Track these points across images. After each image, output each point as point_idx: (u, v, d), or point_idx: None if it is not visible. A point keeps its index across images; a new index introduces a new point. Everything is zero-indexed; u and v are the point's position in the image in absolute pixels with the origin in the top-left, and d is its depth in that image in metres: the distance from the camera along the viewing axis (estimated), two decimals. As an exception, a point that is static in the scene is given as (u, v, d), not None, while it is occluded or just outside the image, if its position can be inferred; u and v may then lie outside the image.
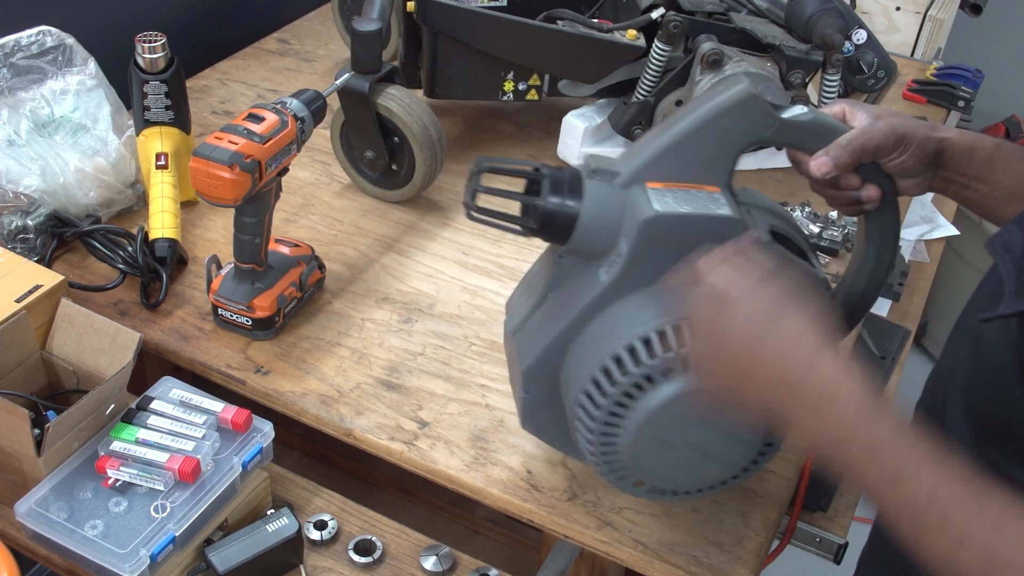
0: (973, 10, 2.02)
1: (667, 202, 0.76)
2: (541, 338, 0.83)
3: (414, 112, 1.23)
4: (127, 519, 0.86)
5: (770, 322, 0.67)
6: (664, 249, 0.77)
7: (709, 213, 0.77)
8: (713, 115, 0.77)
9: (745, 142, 0.79)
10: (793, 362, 0.66)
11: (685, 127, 0.78)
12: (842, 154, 0.80)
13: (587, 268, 0.81)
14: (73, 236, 1.15)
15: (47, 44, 1.19)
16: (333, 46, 1.69)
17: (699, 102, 0.79)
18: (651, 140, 0.80)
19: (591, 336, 0.80)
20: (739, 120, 0.77)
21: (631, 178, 0.79)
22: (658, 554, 0.88)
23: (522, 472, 0.95)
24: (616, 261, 0.78)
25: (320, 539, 0.96)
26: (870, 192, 0.83)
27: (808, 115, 0.80)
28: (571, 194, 0.78)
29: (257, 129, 0.97)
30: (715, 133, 0.78)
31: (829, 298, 0.83)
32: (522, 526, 1.12)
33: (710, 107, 0.77)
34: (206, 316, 1.10)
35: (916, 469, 0.61)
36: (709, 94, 0.79)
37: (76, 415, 0.88)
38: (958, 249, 2.55)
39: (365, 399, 1.02)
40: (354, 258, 1.21)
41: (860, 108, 0.83)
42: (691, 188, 0.78)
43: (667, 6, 1.32)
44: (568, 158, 1.43)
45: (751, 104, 0.77)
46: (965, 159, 0.83)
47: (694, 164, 0.79)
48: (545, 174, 0.79)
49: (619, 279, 0.78)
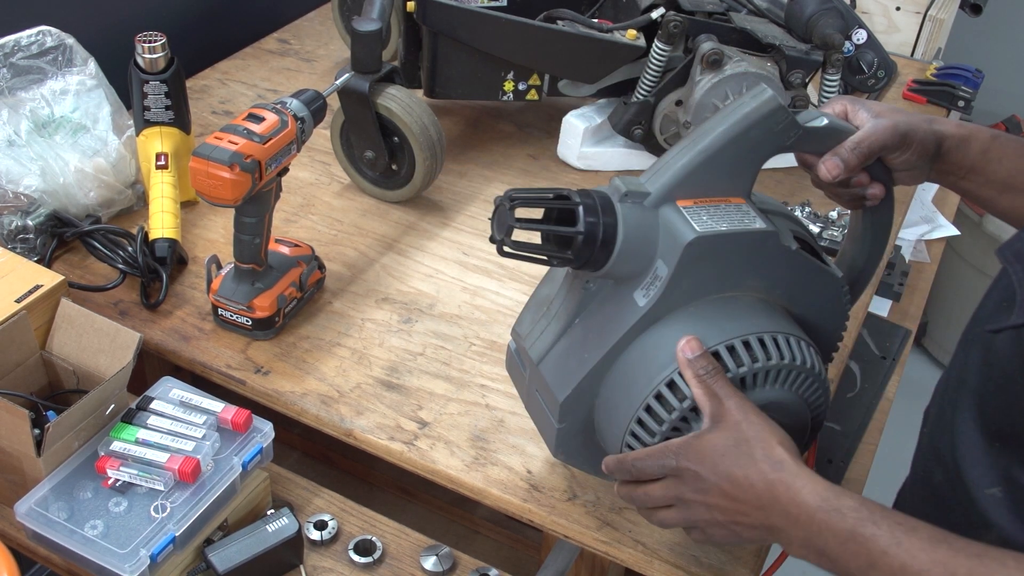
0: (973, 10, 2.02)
1: (704, 222, 0.76)
2: (577, 367, 0.81)
3: (414, 112, 1.23)
4: (127, 519, 0.86)
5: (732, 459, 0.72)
6: (704, 268, 0.77)
7: (746, 229, 0.77)
8: (743, 128, 0.77)
9: (771, 152, 0.79)
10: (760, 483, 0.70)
11: (715, 141, 0.77)
12: (851, 156, 0.82)
13: (617, 292, 0.80)
14: (73, 236, 1.15)
15: (47, 44, 1.19)
16: (333, 46, 1.69)
17: (726, 115, 0.78)
18: (678, 156, 0.79)
19: (633, 362, 0.79)
20: (766, 131, 0.78)
21: (662, 197, 0.78)
22: (658, 554, 0.88)
23: (522, 472, 0.95)
24: (655, 284, 0.77)
25: (320, 539, 0.96)
26: (875, 190, 0.85)
27: (823, 121, 0.81)
28: (606, 219, 0.77)
29: (257, 129, 0.97)
30: (744, 145, 0.78)
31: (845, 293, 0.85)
32: (522, 526, 1.12)
33: (739, 119, 0.77)
34: (206, 316, 1.10)
35: (886, 549, 0.65)
36: (735, 106, 0.78)
37: (76, 415, 0.88)
38: (958, 249, 2.55)
39: (365, 399, 1.02)
40: (354, 258, 1.21)
41: (861, 106, 0.84)
42: (719, 202, 0.78)
43: (667, 6, 1.32)
44: (568, 158, 1.43)
45: (779, 115, 0.77)
46: (961, 151, 0.85)
47: (720, 177, 0.79)
48: (579, 202, 0.77)
49: (659, 302, 0.77)
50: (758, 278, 0.80)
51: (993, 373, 0.76)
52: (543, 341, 0.85)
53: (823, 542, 0.68)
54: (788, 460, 0.71)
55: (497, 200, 0.77)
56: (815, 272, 0.82)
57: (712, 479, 0.72)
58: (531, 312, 0.89)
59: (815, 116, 0.82)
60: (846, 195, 0.88)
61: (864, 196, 0.87)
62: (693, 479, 0.73)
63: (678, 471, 0.74)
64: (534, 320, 0.87)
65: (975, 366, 0.79)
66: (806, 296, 0.83)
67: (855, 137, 0.82)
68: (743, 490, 0.71)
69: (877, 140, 0.82)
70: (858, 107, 0.85)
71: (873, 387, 1.16)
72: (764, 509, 0.71)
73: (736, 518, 0.73)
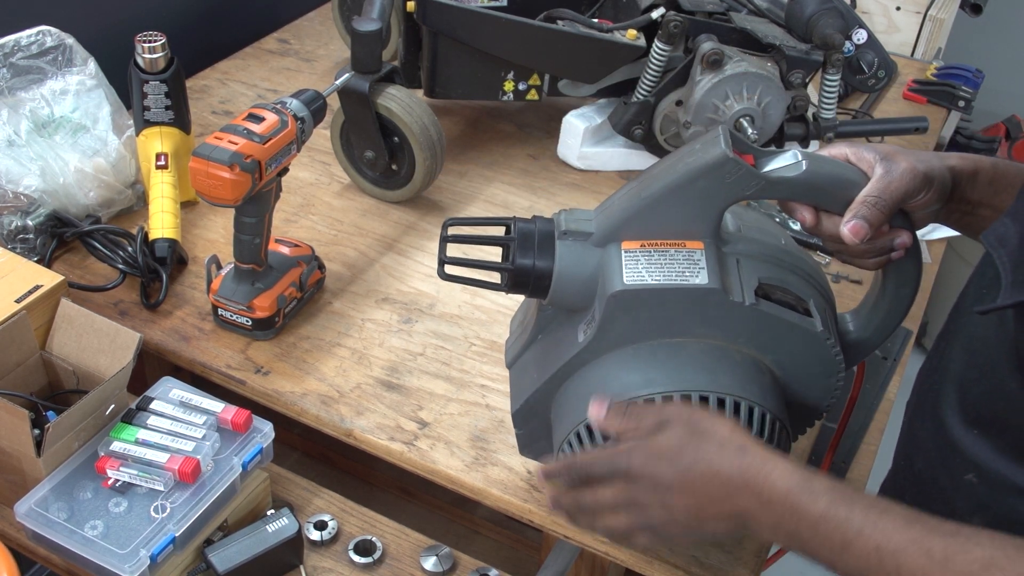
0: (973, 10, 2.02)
1: (638, 272, 0.74)
2: (528, 384, 0.83)
3: (414, 112, 1.23)
4: (127, 519, 0.86)
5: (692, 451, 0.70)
6: (637, 316, 0.75)
7: (680, 284, 0.74)
8: (688, 179, 0.73)
9: (728, 201, 0.74)
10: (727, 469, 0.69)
11: (660, 189, 0.74)
12: (873, 212, 0.74)
13: (569, 320, 0.80)
14: (73, 236, 1.15)
15: (47, 44, 1.19)
16: (333, 46, 1.69)
17: (673, 162, 0.74)
18: (626, 198, 0.77)
19: (572, 391, 0.80)
20: (716, 182, 0.72)
21: (605, 237, 0.76)
22: (658, 554, 0.88)
23: (522, 472, 0.95)
24: (591, 323, 0.77)
25: (320, 539, 0.96)
26: (903, 238, 0.77)
27: (797, 169, 0.73)
28: (541, 255, 0.76)
29: (257, 129, 0.97)
30: (693, 195, 0.73)
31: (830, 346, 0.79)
32: (522, 526, 1.11)
33: (684, 171, 0.73)
34: (206, 316, 1.10)
35: (860, 529, 0.63)
36: (684, 154, 0.74)
37: (76, 415, 0.88)
38: (958, 249, 2.55)
39: (365, 399, 1.02)
40: (354, 258, 1.21)
41: (866, 149, 0.77)
42: (670, 246, 0.75)
43: (667, 6, 1.32)
44: (568, 158, 1.43)
45: (727, 167, 0.71)
46: (971, 185, 0.80)
47: (674, 222, 0.75)
48: (515, 236, 0.77)
49: (595, 341, 0.77)
50: (707, 327, 0.76)
51: (976, 360, 0.76)
52: (514, 349, 0.87)
53: (795, 524, 0.66)
54: (750, 444, 0.69)
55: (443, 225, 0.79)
56: (783, 326, 0.76)
57: (669, 477, 0.70)
58: (519, 314, 0.90)
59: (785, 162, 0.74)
60: (871, 253, 0.78)
61: (891, 248, 0.78)
62: (649, 480, 0.71)
63: (629, 474, 0.72)
64: (518, 320, 0.89)
65: (957, 353, 0.79)
66: (776, 350, 0.78)
67: (873, 190, 0.74)
68: (707, 481, 0.69)
69: (899, 188, 0.74)
70: (863, 151, 0.77)
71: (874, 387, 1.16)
72: (732, 497, 0.69)
73: (700, 512, 0.70)
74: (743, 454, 0.69)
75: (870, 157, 0.76)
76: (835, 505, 0.65)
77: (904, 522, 0.63)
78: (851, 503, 0.65)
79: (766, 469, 0.68)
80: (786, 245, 0.81)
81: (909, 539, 0.62)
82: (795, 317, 0.76)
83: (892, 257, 0.79)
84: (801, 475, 0.67)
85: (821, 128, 1.37)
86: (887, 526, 0.63)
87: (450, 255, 0.79)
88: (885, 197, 0.74)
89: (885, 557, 0.62)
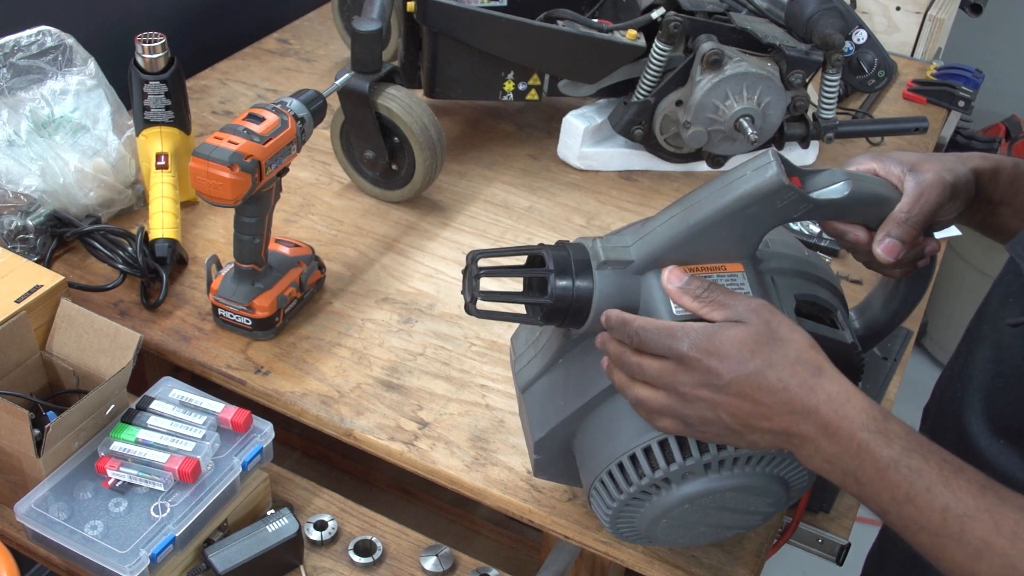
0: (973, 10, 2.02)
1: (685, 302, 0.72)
2: (553, 412, 0.80)
3: (414, 112, 1.23)
4: (127, 519, 0.86)
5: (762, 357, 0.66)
6: None
7: None
8: (739, 206, 0.71)
9: (773, 225, 0.73)
10: (797, 387, 0.65)
11: (708, 215, 0.72)
12: (906, 230, 0.74)
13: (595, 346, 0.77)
14: (73, 236, 1.15)
15: (47, 44, 1.19)
16: (333, 46, 1.69)
17: (721, 188, 0.72)
18: (668, 225, 0.74)
19: (606, 421, 0.77)
20: (767, 207, 0.71)
21: (646, 265, 0.74)
22: (658, 554, 0.88)
23: (522, 472, 0.95)
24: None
25: (320, 539, 0.96)
26: (932, 246, 0.77)
27: (842, 191, 0.74)
28: (580, 286, 0.74)
29: (257, 129, 0.97)
30: (741, 221, 0.72)
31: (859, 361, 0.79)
32: (522, 526, 1.12)
33: (735, 197, 0.71)
34: (206, 316, 1.10)
35: (930, 486, 0.61)
36: (733, 179, 0.72)
37: (76, 415, 0.87)
38: (959, 250, 2.55)
39: (365, 399, 1.02)
40: (354, 258, 1.21)
41: (892, 163, 0.76)
42: (712, 271, 0.74)
43: (667, 6, 1.32)
44: (568, 158, 1.43)
45: (781, 193, 0.70)
46: (993, 184, 0.79)
47: (715, 247, 0.73)
48: (551, 267, 0.74)
49: None
50: None
51: (1003, 368, 0.75)
52: (529, 371, 0.84)
53: (857, 463, 0.62)
54: (827, 365, 0.65)
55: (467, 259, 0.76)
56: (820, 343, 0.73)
57: (731, 376, 0.66)
58: (524, 332, 0.87)
59: (833, 184, 0.74)
60: (905, 264, 0.78)
61: (921, 256, 0.78)
62: (704, 373, 0.66)
63: (685, 358, 0.67)
64: (527, 342, 0.86)
65: (981, 362, 0.78)
66: None
67: (904, 207, 0.73)
68: (772, 392, 0.65)
69: (930, 203, 0.73)
70: (889, 164, 0.76)
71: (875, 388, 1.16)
72: (794, 415, 0.64)
73: (751, 421, 0.66)
74: (818, 375, 0.65)
75: (898, 172, 0.75)
76: (909, 454, 0.62)
77: (978, 487, 0.60)
78: (926, 455, 0.62)
79: (840, 398, 0.64)
80: (808, 257, 0.81)
81: (980, 506, 0.60)
82: (829, 331, 0.76)
83: (919, 265, 0.79)
84: (878, 413, 0.63)
85: (821, 128, 1.37)
86: (959, 488, 0.60)
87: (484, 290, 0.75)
88: (916, 213, 0.74)
89: (950, 519, 0.60)
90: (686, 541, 0.81)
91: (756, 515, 0.79)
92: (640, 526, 0.78)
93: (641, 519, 0.77)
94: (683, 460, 0.73)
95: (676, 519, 0.77)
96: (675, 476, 0.73)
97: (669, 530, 0.78)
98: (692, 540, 0.81)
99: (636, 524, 0.79)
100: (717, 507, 0.76)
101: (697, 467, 0.73)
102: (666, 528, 0.78)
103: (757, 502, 0.77)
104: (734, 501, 0.76)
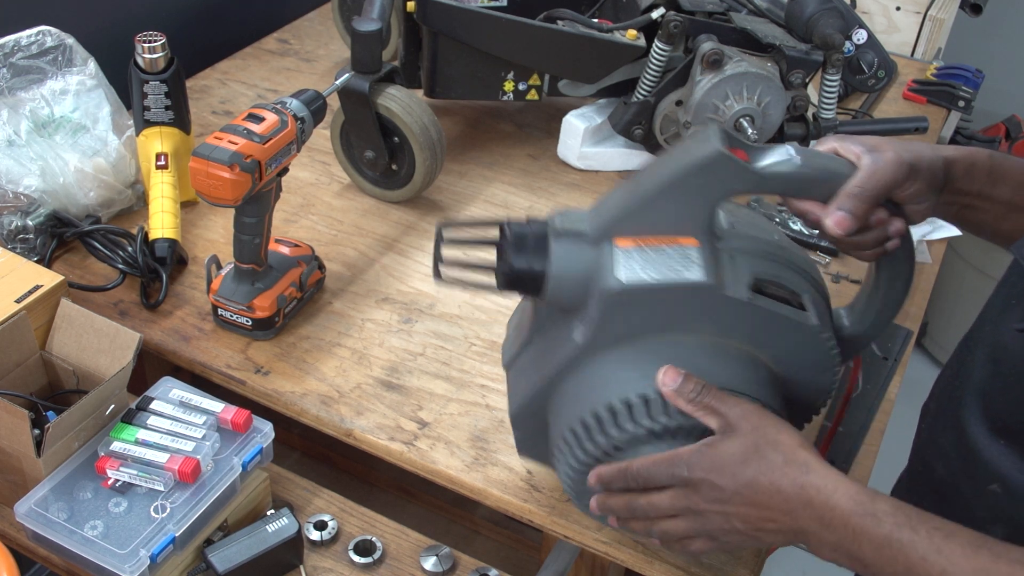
0: (973, 10, 2.02)
1: (633, 269, 0.74)
2: (525, 386, 0.83)
3: (414, 112, 1.23)
4: (127, 519, 0.86)
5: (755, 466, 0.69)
6: (634, 314, 0.75)
7: (677, 280, 0.73)
8: (681, 176, 0.73)
9: (721, 197, 0.74)
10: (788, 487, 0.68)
11: (653, 186, 0.74)
12: (857, 204, 0.74)
13: (565, 320, 0.79)
14: (73, 236, 1.15)
15: (47, 44, 1.19)
16: (333, 46, 1.69)
17: (667, 159, 0.75)
18: (620, 196, 0.77)
19: (570, 392, 0.79)
20: (709, 178, 0.73)
21: (600, 236, 0.76)
22: (658, 554, 0.88)
23: (522, 472, 0.95)
24: (587, 323, 0.76)
25: (320, 539, 0.96)
26: (898, 225, 0.77)
27: (790, 164, 0.74)
28: (536, 255, 0.76)
29: (257, 129, 0.97)
30: (686, 192, 0.73)
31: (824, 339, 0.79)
32: (522, 526, 1.12)
33: (677, 168, 0.73)
34: (206, 316, 1.10)
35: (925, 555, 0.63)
36: (677, 151, 0.75)
37: (76, 415, 0.87)
38: (959, 249, 2.55)
39: (365, 399, 1.02)
40: (354, 258, 1.21)
41: (853, 142, 0.77)
42: (664, 244, 0.75)
43: (667, 6, 1.32)
44: (568, 158, 1.43)
45: (720, 163, 0.72)
46: (969, 176, 0.79)
47: (666, 219, 0.75)
48: (508, 236, 0.77)
49: (591, 340, 0.77)
50: (702, 323, 0.76)
51: (1002, 369, 0.75)
52: (511, 350, 0.87)
53: (857, 547, 0.66)
54: (814, 461, 0.68)
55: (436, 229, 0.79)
56: (780, 321, 0.76)
57: (732, 487, 0.69)
58: (516, 316, 0.90)
59: (779, 157, 0.74)
60: (868, 244, 0.78)
61: (887, 238, 0.78)
62: (709, 489, 0.70)
63: (689, 481, 0.71)
64: (515, 322, 0.89)
65: (980, 363, 0.78)
66: (772, 345, 0.77)
67: (856, 181, 0.74)
68: (769, 496, 0.68)
69: (882, 178, 0.74)
70: (850, 144, 0.77)
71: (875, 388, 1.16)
72: (793, 514, 0.68)
73: (760, 524, 0.70)
74: (807, 472, 0.68)
75: (857, 149, 0.76)
76: (899, 529, 0.64)
77: (972, 549, 0.63)
78: (916, 527, 0.64)
79: (828, 490, 0.67)
80: (779, 241, 0.81)
81: (976, 568, 0.62)
82: (790, 311, 0.76)
83: (888, 247, 0.79)
84: (864, 497, 0.66)
85: (821, 128, 1.37)
86: (953, 552, 0.63)
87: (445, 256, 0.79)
88: (869, 188, 0.74)
89: None
90: None
91: None
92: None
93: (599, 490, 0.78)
94: (632, 427, 0.74)
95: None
96: (624, 443, 0.75)
97: None
98: None
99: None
100: None
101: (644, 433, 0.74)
102: None
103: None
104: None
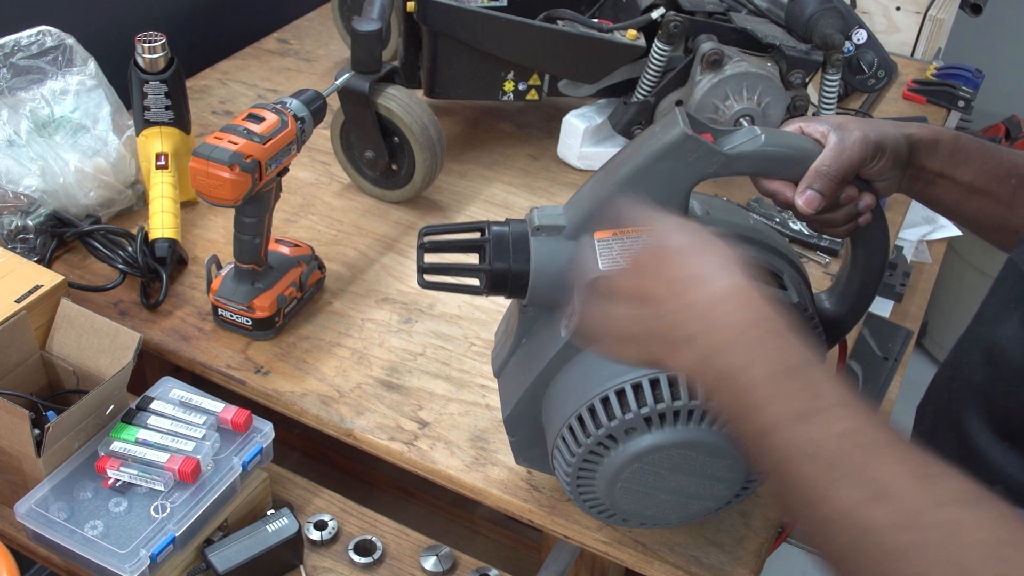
0: (973, 10, 2.02)
1: (613, 258, 0.74)
2: (516, 388, 0.83)
3: (414, 112, 1.23)
4: (127, 519, 0.86)
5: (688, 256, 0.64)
6: None
7: None
8: (650, 161, 0.74)
9: (692, 180, 0.75)
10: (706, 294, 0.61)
11: (624, 174, 0.75)
12: (825, 182, 0.75)
13: (550, 318, 0.80)
14: (73, 236, 1.15)
15: (47, 44, 1.19)
16: (333, 46, 1.69)
17: (635, 147, 0.75)
18: (593, 187, 0.78)
19: (561, 388, 0.79)
20: (678, 162, 0.74)
21: (577, 229, 0.77)
22: (658, 554, 0.88)
23: (522, 472, 0.95)
24: (572, 315, 0.76)
25: (320, 539, 0.96)
26: (868, 199, 0.78)
27: (755, 143, 0.75)
28: (517, 254, 0.77)
29: (257, 129, 0.97)
30: (656, 177, 0.74)
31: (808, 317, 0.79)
32: (522, 526, 1.12)
33: (646, 154, 0.74)
34: (206, 316, 1.10)
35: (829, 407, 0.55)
36: (644, 138, 0.76)
37: (76, 415, 0.88)
38: (959, 249, 2.55)
39: (365, 399, 1.02)
40: (354, 258, 1.21)
41: (819, 121, 0.78)
42: (641, 232, 0.75)
43: (667, 6, 1.32)
44: (568, 158, 1.43)
45: (687, 146, 0.73)
46: (932, 154, 0.80)
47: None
48: (488, 238, 0.78)
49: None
50: None
51: (1001, 372, 0.76)
52: (500, 357, 0.87)
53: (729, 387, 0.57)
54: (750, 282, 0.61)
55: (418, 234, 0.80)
56: None
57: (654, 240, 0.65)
58: (503, 324, 0.90)
59: (744, 137, 0.75)
60: (840, 220, 0.79)
61: (858, 213, 0.79)
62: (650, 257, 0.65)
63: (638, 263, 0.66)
64: (503, 329, 0.89)
65: (979, 365, 0.78)
66: None
67: (824, 159, 0.75)
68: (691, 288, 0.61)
69: (851, 157, 0.75)
70: (814, 123, 0.78)
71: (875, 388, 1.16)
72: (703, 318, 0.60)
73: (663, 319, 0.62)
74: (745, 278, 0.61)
75: (823, 129, 0.77)
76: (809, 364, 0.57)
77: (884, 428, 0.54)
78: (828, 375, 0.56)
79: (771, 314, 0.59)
80: (755, 225, 0.82)
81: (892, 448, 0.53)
82: (770, 291, 0.76)
83: (860, 223, 0.79)
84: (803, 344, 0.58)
85: (821, 128, 1.37)
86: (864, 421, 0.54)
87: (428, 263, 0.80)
88: (837, 166, 0.75)
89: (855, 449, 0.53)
90: (653, 514, 0.81)
91: (718, 482, 0.78)
92: (600, 492, 0.79)
93: (598, 485, 0.78)
94: (623, 415, 0.74)
95: (631, 483, 0.77)
96: (618, 432, 0.74)
97: (629, 497, 0.78)
98: (660, 514, 0.81)
99: (596, 492, 0.79)
100: (668, 468, 0.76)
101: (637, 421, 0.74)
102: (625, 495, 0.78)
103: (712, 465, 0.76)
104: (685, 461, 0.76)
